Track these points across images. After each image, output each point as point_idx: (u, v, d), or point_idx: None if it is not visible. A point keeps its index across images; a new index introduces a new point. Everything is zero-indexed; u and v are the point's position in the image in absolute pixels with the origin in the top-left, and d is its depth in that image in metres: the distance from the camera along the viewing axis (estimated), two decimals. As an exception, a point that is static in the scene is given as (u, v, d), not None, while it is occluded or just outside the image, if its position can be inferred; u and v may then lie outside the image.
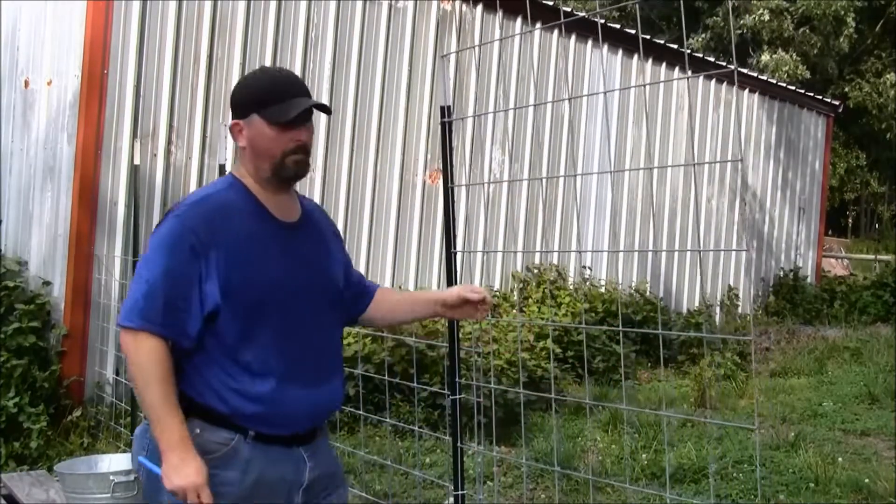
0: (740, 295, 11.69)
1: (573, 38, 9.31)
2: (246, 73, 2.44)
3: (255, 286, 2.11)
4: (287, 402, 2.13)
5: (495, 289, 8.55)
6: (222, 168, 5.30)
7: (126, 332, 2.04)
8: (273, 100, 2.15)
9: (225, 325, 2.08)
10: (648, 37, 10.96)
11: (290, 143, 2.15)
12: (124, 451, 4.60)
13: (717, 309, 11.40)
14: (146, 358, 2.02)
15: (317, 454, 2.23)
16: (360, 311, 2.50)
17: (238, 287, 2.08)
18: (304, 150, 2.18)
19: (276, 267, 2.16)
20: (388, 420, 4.70)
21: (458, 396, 3.06)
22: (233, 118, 2.20)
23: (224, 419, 2.08)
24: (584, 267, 9.43)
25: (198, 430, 2.07)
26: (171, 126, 6.40)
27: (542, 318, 7.83)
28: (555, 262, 9.29)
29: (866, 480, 5.11)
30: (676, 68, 10.54)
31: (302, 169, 2.19)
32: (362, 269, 7.60)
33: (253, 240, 2.14)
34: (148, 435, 2.11)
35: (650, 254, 10.14)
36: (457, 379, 3.06)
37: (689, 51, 10.57)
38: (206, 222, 2.08)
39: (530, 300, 8.52)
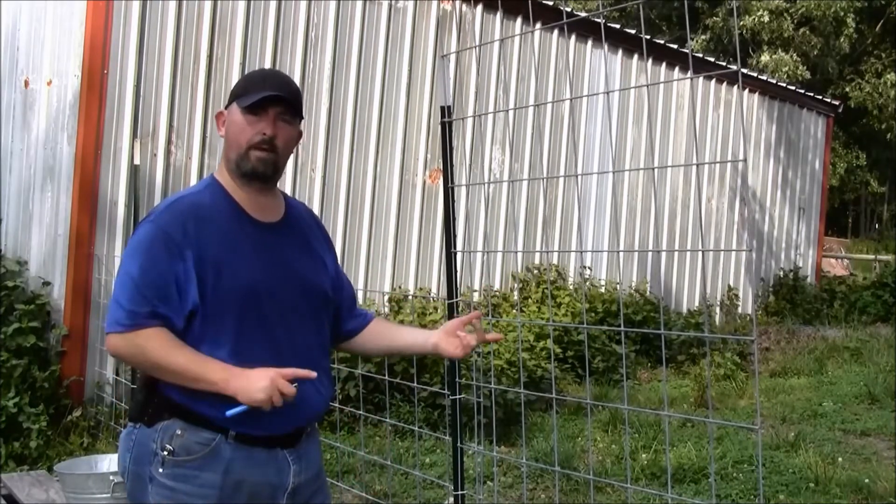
0: (740, 295, 11.70)
1: (573, 38, 9.31)
2: None
3: (229, 287, 2.09)
4: None
5: (495, 289, 8.55)
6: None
7: (116, 336, 2.03)
8: (251, 89, 2.17)
9: (201, 326, 2.08)
10: (648, 37, 10.96)
11: (257, 136, 2.14)
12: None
13: (717, 309, 11.40)
14: (154, 339, 2.02)
15: (303, 458, 2.20)
16: (351, 331, 2.45)
17: (212, 288, 2.07)
18: (269, 144, 2.15)
19: (251, 268, 2.14)
20: (388, 420, 4.71)
21: (458, 396, 3.06)
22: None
23: (204, 420, 2.07)
24: (584, 267, 9.43)
25: (179, 431, 2.06)
26: (171, 126, 6.40)
27: (542, 318, 7.83)
28: (555, 262, 9.29)
29: (866, 480, 5.12)
30: (676, 68, 10.54)
31: (263, 166, 2.16)
32: (362, 270, 7.61)
33: (227, 240, 2.12)
34: (133, 437, 2.11)
35: (650, 254, 10.14)
36: (457, 379, 3.06)
37: (690, 51, 10.58)
38: (179, 224, 2.08)
39: (530, 300, 8.52)
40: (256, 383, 1.99)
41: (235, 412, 2.01)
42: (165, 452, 2.04)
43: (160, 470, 2.05)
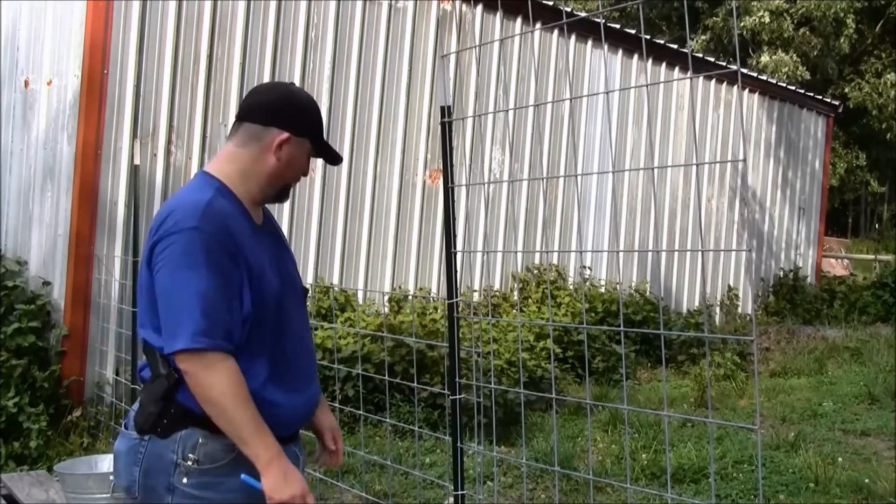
0: (740, 295, 11.70)
1: (573, 38, 9.31)
2: (283, 82, 2.51)
3: (267, 294, 2.10)
4: (287, 405, 2.14)
5: (495, 289, 8.55)
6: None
7: (191, 355, 1.96)
8: (322, 133, 2.27)
9: (247, 335, 2.07)
10: (648, 37, 10.96)
11: (300, 176, 2.25)
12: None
13: (717, 309, 11.40)
14: (228, 379, 1.96)
15: (301, 450, 2.27)
16: None
17: (258, 295, 2.08)
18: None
19: (273, 273, 2.16)
20: (388, 420, 4.70)
21: (458, 396, 3.06)
22: (281, 128, 2.16)
23: None
24: (584, 267, 9.43)
25: (201, 440, 2.04)
26: (171, 126, 6.40)
27: (542, 318, 7.83)
28: (555, 262, 9.29)
29: (866, 480, 5.11)
30: (676, 68, 10.54)
31: (287, 198, 2.33)
32: (362, 270, 7.61)
33: (254, 247, 2.13)
34: (141, 449, 2.07)
35: (650, 254, 10.14)
36: (457, 379, 3.05)
37: (690, 51, 10.51)
38: (226, 231, 2.04)
39: (530, 300, 8.52)
40: (288, 487, 1.98)
41: (250, 481, 2.01)
42: (190, 462, 2.01)
43: (185, 480, 2.02)
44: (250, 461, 2.06)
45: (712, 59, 12.23)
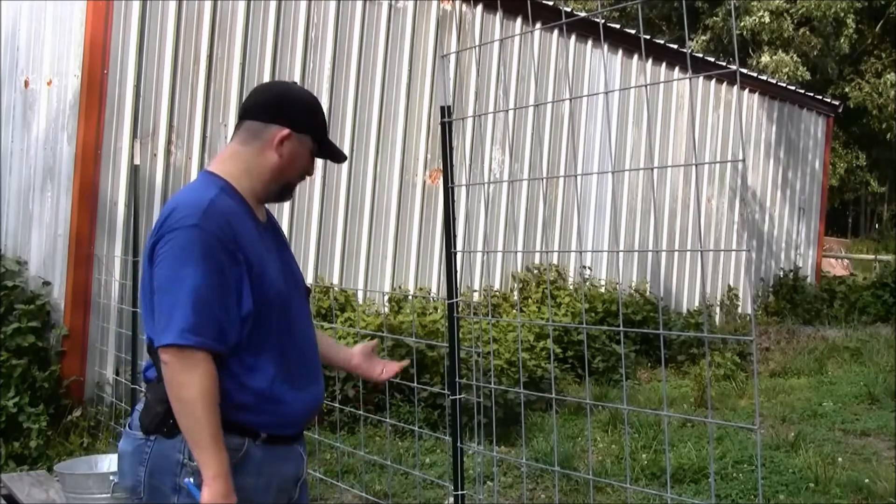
0: (740, 295, 11.70)
1: (573, 38, 9.31)
2: (285, 81, 2.51)
3: (269, 292, 2.10)
4: (294, 403, 2.13)
5: (495, 289, 8.55)
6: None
7: (175, 350, 1.95)
8: (325, 131, 2.26)
9: (248, 334, 2.07)
10: (648, 37, 10.96)
11: (304, 174, 2.25)
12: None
13: (717, 309, 11.40)
14: (202, 382, 1.95)
15: (304, 448, 2.27)
16: None
17: (259, 294, 2.07)
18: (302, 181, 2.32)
19: (275, 270, 2.16)
20: (388, 420, 4.70)
21: (458, 396, 3.06)
22: (281, 124, 2.16)
23: (232, 424, 2.05)
24: (584, 267, 9.43)
25: None
26: (171, 126, 6.40)
27: (542, 318, 7.83)
28: (555, 262, 9.29)
29: (866, 480, 5.12)
30: (676, 68, 10.54)
31: (290, 196, 2.32)
32: (362, 270, 7.61)
33: (256, 245, 2.12)
34: (147, 449, 2.06)
35: (650, 254, 10.15)
36: (457, 379, 3.05)
37: (689, 51, 10.44)
38: (227, 229, 2.03)
39: (530, 300, 8.52)
40: None
41: (191, 488, 2.00)
42: (196, 462, 1.99)
43: (191, 480, 2.02)
44: (253, 465, 2.06)
45: (712, 59, 12.22)
